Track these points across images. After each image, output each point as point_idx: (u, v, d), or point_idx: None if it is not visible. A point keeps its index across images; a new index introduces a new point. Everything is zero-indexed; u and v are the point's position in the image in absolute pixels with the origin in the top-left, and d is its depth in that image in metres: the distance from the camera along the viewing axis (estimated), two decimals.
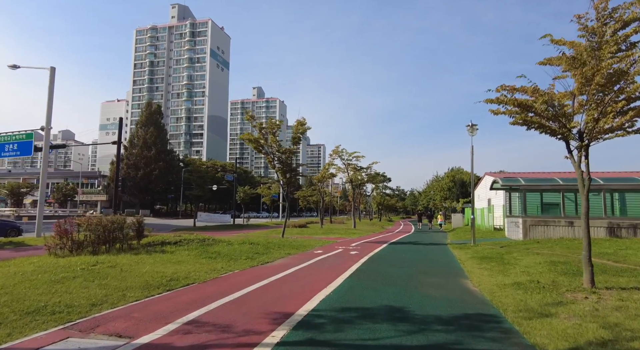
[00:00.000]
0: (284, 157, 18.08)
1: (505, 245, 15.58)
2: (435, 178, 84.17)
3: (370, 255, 12.77)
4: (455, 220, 36.76)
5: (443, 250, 14.95)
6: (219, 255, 10.85)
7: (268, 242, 14.74)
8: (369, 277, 8.36)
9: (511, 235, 19.98)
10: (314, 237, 21.77)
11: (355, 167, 32.26)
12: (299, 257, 12.03)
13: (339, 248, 15.00)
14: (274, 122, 17.72)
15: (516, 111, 6.68)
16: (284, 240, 16.51)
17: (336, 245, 16.50)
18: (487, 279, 8.08)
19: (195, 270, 8.60)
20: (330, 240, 18.84)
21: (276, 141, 17.78)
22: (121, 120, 26.91)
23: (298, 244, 15.48)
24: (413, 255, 12.95)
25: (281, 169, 18.25)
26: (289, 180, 18.76)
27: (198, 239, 13.20)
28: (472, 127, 15.88)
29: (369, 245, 16.85)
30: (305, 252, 13.30)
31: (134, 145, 76.49)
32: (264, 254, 12.04)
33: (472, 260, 11.33)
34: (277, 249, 13.27)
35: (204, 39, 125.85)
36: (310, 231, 26.44)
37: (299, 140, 18.40)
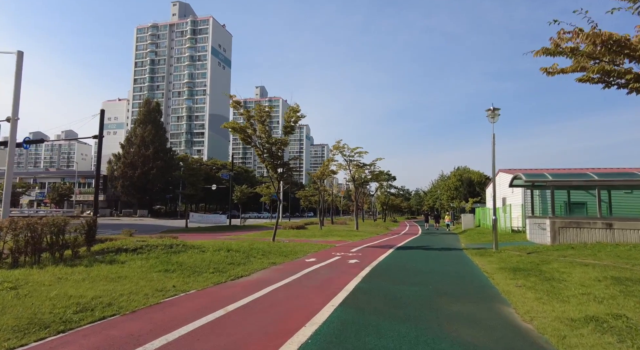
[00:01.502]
0: (274, 149, 15.77)
1: (534, 252, 13.17)
2: (441, 177, 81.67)
3: (373, 264, 10.41)
4: (465, 221, 34.22)
5: (460, 258, 12.56)
6: (179, 268, 8.54)
7: (252, 248, 12.43)
8: (370, 302, 6.00)
9: (534, 238, 17.54)
10: (311, 240, 19.45)
11: (358, 163, 29.88)
12: (284, 267, 9.71)
13: (337, 255, 12.66)
14: (262, 109, 15.41)
15: (598, 55, 4.30)
16: (272, 245, 14.20)
17: (334, 250, 14.16)
18: (537, 306, 5.70)
19: (133, 291, 6.30)
20: (328, 244, 16.51)
21: (265, 131, 15.47)
22: (102, 112, 24.61)
23: (288, 250, 13.15)
24: (426, 265, 10.57)
25: (271, 163, 15.94)
26: (280, 175, 16.45)
27: (164, 244, 10.92)
28: (493, 111, 13.47)
29: (371, 250, 14.49)
30: (293, 261, 10.97)
31: (131, 143, 74.56)
32: (241, 264, 9.72)
33: (502, 273, 8.95)
34: (259, 257, 10.95)
35: (205, 37, 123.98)
36: (307, 233, 24.11)
37: (291, 130, 16.07)
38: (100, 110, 25.22)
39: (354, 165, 30.19)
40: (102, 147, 25.14)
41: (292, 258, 11.56)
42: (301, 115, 16.22)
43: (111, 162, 75.60)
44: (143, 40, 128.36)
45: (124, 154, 73.37)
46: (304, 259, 11.38)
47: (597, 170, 17.58)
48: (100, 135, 25.02)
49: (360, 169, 30.20)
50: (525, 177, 15.85)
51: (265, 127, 15.39)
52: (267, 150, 15.70)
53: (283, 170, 16.37)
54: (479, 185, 68.10)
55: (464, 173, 70.13)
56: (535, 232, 17.60)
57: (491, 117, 13.90)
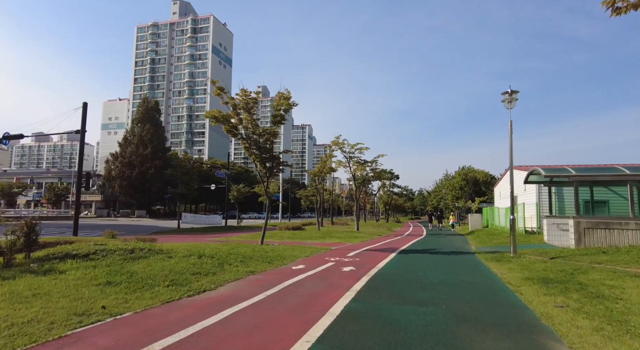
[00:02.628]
0: (261, 141, 14.05)
1: (558, 256, 11.39)
2: (446, 177, 79.74)
3: (371, 273, 8.68)
4: (473, 221, 32.37)
5: (474, 264, 10.80)
6: (128, 279, 6.84)
7: (232, 253, 10.72)
8: (361, 337, 4.25)
9: (553, 240, 15.74)
10: (306, 242, 17.73)
11: (359, 160, 28.11)
12: (263, 278, 8.00)
13: (330, 260, 10.92)
14: (247, 95, 13.70)
15: None
16: (258, 249, 12.48)
17: (328, 255, 12.43)
18: (603, 344, 3.94)
19: (39, 316, 4.62)
20: (324, 247, 14.78)
21: (252, 120, 13.75)
22: (85, 105, 23.09)
23: (276, 255, 11.44)
24: (434, 274, 8.81)
25: (259, 156, 14.23)
26: (269, 170, 14.72)
27: (125, 249, 9.23)
28: (510, 95, 11.68)
29: (371, 255, 12.74)
30: (277, 269, 9.26)
31: (129, 142, 73.11)
32: (210, 274, 8.01)
33: (530, 285, 7.19)
34: (236, 265, 9.24)
35: (206, 36, 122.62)
36: (304, 235, 22.39)
37: (281, 120, 14.34)
38: (83, 103, 23.66)
39: (355, 162, 28.44)
40: (84, 142, 23.56)
41: (277, 265, 9.84)
42: (292, 103, 14.51)
43: (109, 161, 74.11)
44: (143, 39, 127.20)
45: (122, 153, 71.92)
46: (291, 266, 9.66)
47: (624, 165, 15.74)
48: (82, 129, 23.44)
49: (361, 166, 28.43)
50: (545, 171, 14.05)
51: (251, 116, 13.68)
52: (254, 142, 13.98)
53: (272, 164, 14.63)
54: (484, 185, 66.39)
55: (468, 172, 68.35)
56: (554, 234, 15.80)
57: (508, 102, 12.12)
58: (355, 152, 27.56)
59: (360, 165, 28.38)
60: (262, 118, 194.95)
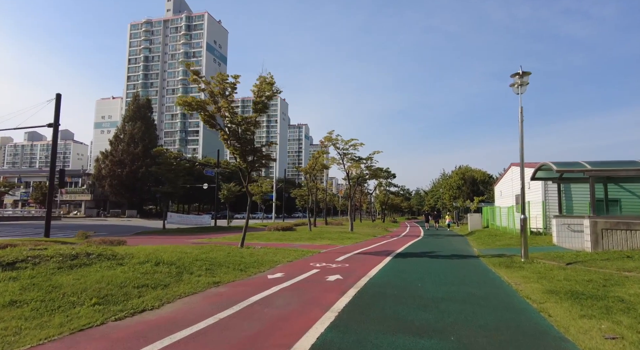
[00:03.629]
0: (240, 131, 12.54)
1: (576, 262, 9.96)
2: (443, 176, 78.45)
3: (361, 285, 7.19)
4: (472, 221, 30.97)
5: (481, 271, 9.33)
6: (42, 297, 5.32)
7: (199, 259, 9.19)
8: None
9: (564, 242, 14.35)
10: (294, 244, 16.24)
11: (353, 157, 26.62)
12: (227, 292, 6.50)
13: (315, 267, 9.43)
14: (224, 79, 12.18)
15: None
16: (235, 254, 10.97)
17: (315, 259, 10.94)
18: None
19: None
20: (312, 250, 13.29)
21: (229, 107, 12.22)
22: (58, 96, 21.48)
23: (253, 260, 9.93)
24: (436, 285, 7.34)
25: (239, 149, 12.70)
26: (251, 165, 13.19)
27: (65, 254, 7.69)
28: (520, 77, 10.20)
29: (363, 259, 11.26)
30: (250, 278, 7.76)
31: (120, 140, 71.30)
32: (162, 286, 6.49)
33: (556, 301, 5.73)
34: (200, 274, 7.72)
35: (200, 33, 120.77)
36: (293, 236, 20.88)
37: (264, 108, 12.82)
38: (56, 95, 22.02)
39: (349, 159, 26.96)
40: (57, 136, 21.95)
41: (251, 273, 8.34)
42: (277, 89, 13.01)
43: (99, 160, 72.23)
44: (137, 36, 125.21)
45: (112, 152, 70.11)
46: (267, 275, 8.16)
47: None
48: (55, 123, 21.81)
49: (355, 163, 26.94)
50: (557, 166, 12.60)
51: (229, 102, 12.15)
52: (233, 132, 12.45)
53: (254, 158, 13.11)
54: (482, 184, 65.30)
55: (466, 172, 67.17)
56: (565, 235, 14.41)
57: (517, 86, 10.66)
58: (350, 148, 26.10)
59: (354, 162, 26.89)
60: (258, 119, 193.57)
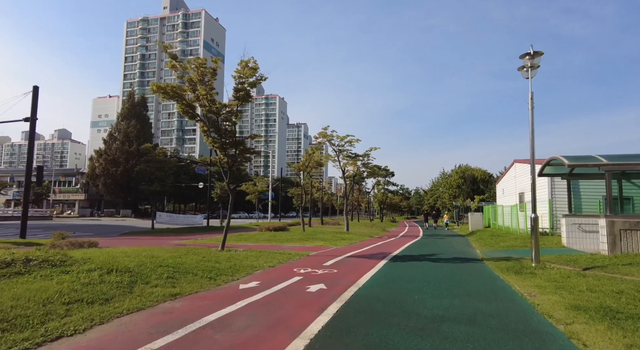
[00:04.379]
0: (220, 121, 11.37)
1: (594, 267, 8.82)
2: (443, 175, 77.35)
3: (346, 297, 6.03)
4: (473, 221, 29.82)
5: (487, 278, 8.17)
6: None
7: (164, 264, 8.03)
8: None
9: (574, 243, 13.24)
10: (283, 246, 15.09)
11: (349, 154, 25.45)
12: (182, 307, 5.34)
13: (298, 273, 8.28)
14: (202, 63, 11.01)
15: None
16: (211, 258, 9.81)
17: (301, 263, 9.79)
18: None
19: None
20: (301, 253, 12.14)
21: (207, 95, 11.04)
22: (36, 89, 20.29)
23: (229, 266, 8.78)
24: (436, 298, 6.18)
25: (219, 141, 11.53)
26: (232, 159, 12.01)
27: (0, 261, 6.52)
28: (531, 57, 9.02)
29: (354, 263, 10.10)
30: (217, 289, 6.61)
31: (114, 139, 70.07)
32: (101, 301, 5.34)
33: (587, 323, 4.59)
34: (157, 284, 6.56)
35: (197, 31, 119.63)
36: (285, 236, 19.71)
37: (246, 96, 11.65)
38: (33, 87, 20.81)
39: (345, 156, 25.79)
40: (34, 131, 20.75)
41: (221, 282, 7.18)
42: (261, 76, 11.84)
43: (93, 158, 70.98)
44: (133, 34, 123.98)
45: (106, 150, 68.89)
46: (239, 285, 7.01)
47: None
48: (32, 117, 20.61)
49: (352, 160, 25.76)
50: (568, 160, 11.44)
51: (208, 89, 10.97)
52: (212, 122, 11.28)
53: (236, 152, 11.93)
54: (482, 183, 64.37)
55: (466, 170, 66.18)
56: (576, 236, 13.28)
57: (526, 70, 9.50)
58: (345, 145, 24.93)
59: (350, 159, 25.72)
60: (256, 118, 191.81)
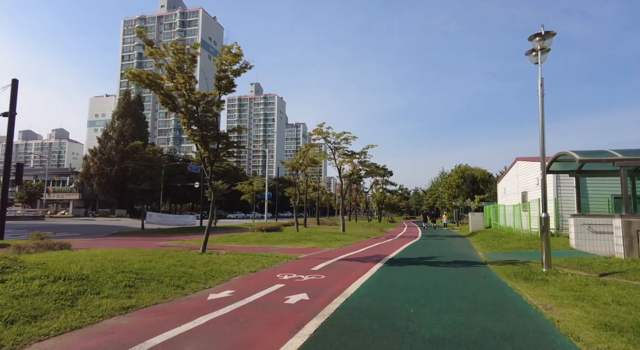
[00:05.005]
0: (200, 111, 10.42)
1: (612, 272, 7.90)
2: (442, 175, 76.50)
3: (329, 311, 5.09)
4: (473, 221, 28.91)
5: (493, 286, 7.23)
6: None
7: (127, 270, 7.08)
8: None
9: (584, 245, 12.32)
10: (273, 247, 14.15)
11: (345, 151, 24.51)
12: (129, 326, 4.39)
13: (282, 279, 7.34)
14: (180, 49, 10.07)
15: None
16: (187, 262, 8.86)
17: (286, 268, 8.85)
18: None
19: None
20: (289, 256, 11.19)
21: (186, 83, 10.09)
22: (15, 82, 19.31)
23: (204, 271, 7.84)
24: (436, 313, 5.24)
25: (199, 134, 10.57)
26: (214, 154, 11.06)
27: None
28: (542, 38, 8.09)
29: (346, 267, 9.15)
30: (181, 300, 5.66)
31: (109, 137, 69.06)
32: (27, 318, 4.39)
33: (623, 346, 3.64)
34: (109, 295, 5.61)
35: (195, 29, 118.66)
36: (277, 237, 18.77)
37: (229, 84, 10.71)
38: (12, 80, 19.86)
39: (341, 154, 24.85)
40: (13, 126, 19.76)
41: (189, 291, 6.23)
42: (245, 63, 10.91)
43: (87, 158, 69.94)
44: (130, 33, 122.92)
45: (101, 149, 67.88)
46: (208, 295, 6.06)
47: None
48: (11, 111, 19.67)
49: (348, 158, 24.82)
50: (579, 155, 10.51)
51: (186, 77, 10.03)
52: (190, 113, 10.33)
53: (218, 146, 10.99)
54: (482, 183, 63.66)
55: (466, 170, 65.42)
56: (586, 237, 12.37)
57: (535, 53, 8.56)
58: (341, 142, 23.98)
59: (347, 157, 24.78)
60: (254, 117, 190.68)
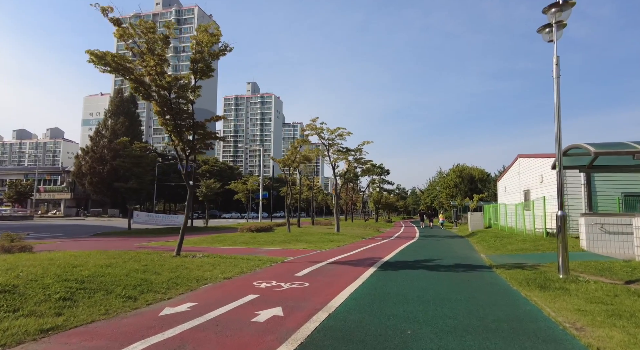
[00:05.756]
0: (173, 97, 9.31)
1: (637, 279, 6.88)
2: (439, 174, 75.65)
3: (305, 334, 4.02)
4: (473, 221, 27.92)
5: (504, 295, 6.16)
6: None
7: (72, 277, 5.99)
8: None
9: (596, 247, 11.35)
10: (259, 249, 13.09)
11: (340, 148, 23.45)
12: None
13: (258, 288, 6.26)
14: (149, 27, 8.97)
15: None
16: (154, 266, 7.78)
17: (265, 274, 7.78)
18: None
19: None
20: (274, 259, 10.12)
21: (156, 65, 8.98)
22: None
23: (169, 278, 6.77)
24: (439, 332, 4.19)
25: (172, 123, 9.47)
26: (189, 145, 9.95)
27: None
28: (559, 9, 7.05)
29: (334, 273, 8.09)
30: (126, 316, 4.56)
31: (101, 136, 67.79)
32: None
33: None
34: (26, 314, 4.53)
35: (190, 27, 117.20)
36: (266, 238, 17.68)
37: (206, 69, 9.61)
38: None
39: (335, 151, 23.78)
40: None
41: (142, 303, 5.16)
42: (225, 45, 9.82)
43: (79, 156, 68.59)
44: None
45: (92, 148, 66.57)
46: (163, 308, 4.98)
47: None
48: None
49: (342, 155, 23.74)
50: (594, 147, 9.48)
51: (155, 58, 8.92)
52: (162, 99, 9.21)
53: (194, 136, 9.89)
54: (480, 182, 62.95)
55: (464, 169, 64.66)
56: (598, 238, 11.38)
57: (548, 31, 7.52)
58: (336, 138, 22.92)
59: (341, 153, 23.72)
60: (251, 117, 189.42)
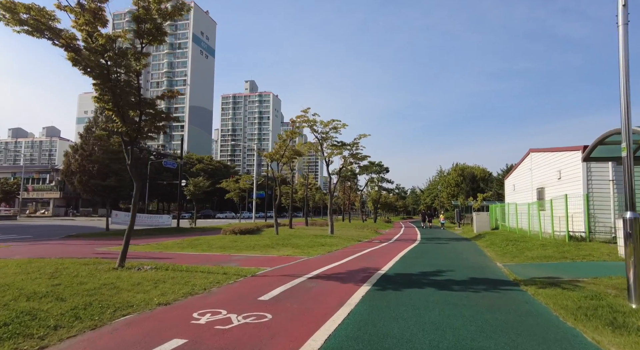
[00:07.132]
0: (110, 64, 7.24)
1: None
2: (440, 173, 73.70)
3: None
4: (479, 221, 25.86)
5: (566, 347, 4.12)
6: None
7: None
8: None
9: None
10: (233, 256, 11.06)
11: (334, 142, 21.38)
12: None
13: (193, 324, 4.19)
14: None
15: None
16: (69, 284, 5.73)
17: (218, 297, 5.73)
18: None
19: None
20: (243, 271, 8.08)
21: (87, 23, 6.90)
22: None
23: (72, 307, 4.72)
24: None
25: (111, 100, 7.41)
26: (136, 128, 7.87)
27: None
28: None
29: (313, 295, 6.02)
30: None
31: (91, 133, 65.47)
32: None
33: None
34: None
35: (186, 23, 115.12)
36: (248, 242, 15.61)
37: (156, 31, 7.51)
38: None
39: (329, 145, 21.72)
40: None
41: None
42: (182, 3, 7.74)
43: (68, 154, 66.38)
44: (119, 27, 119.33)
45: (82, 145, 64.24)
46: None
47: None
48: None
49: (337, 149, 21.66)
50: None
51: (88, 17, 6.83)
52: (99, 68, 7.11)
53: (140, 117, 7.82)
54: (482, 181, 61.14)
55: (465, 169, 62.80)
56: None
57: None
58: (330, 131, 20.86)
59: (336, 147, 21.65)
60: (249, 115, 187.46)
